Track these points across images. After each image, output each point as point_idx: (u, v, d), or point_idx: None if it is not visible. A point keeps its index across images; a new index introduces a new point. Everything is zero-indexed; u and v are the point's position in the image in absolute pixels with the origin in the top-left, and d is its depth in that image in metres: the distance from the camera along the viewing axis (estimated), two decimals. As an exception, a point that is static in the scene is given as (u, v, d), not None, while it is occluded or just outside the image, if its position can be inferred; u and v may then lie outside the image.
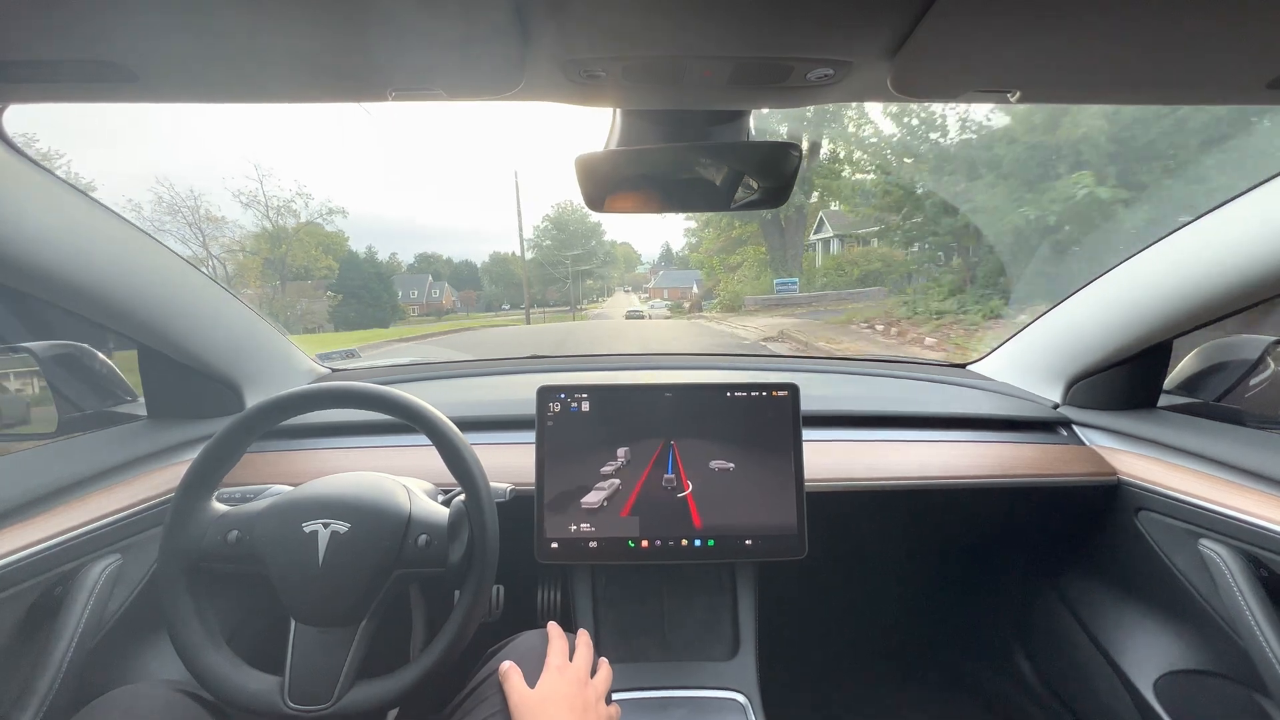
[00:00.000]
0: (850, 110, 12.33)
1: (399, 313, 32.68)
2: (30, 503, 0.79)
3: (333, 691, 0.67)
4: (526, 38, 0.47)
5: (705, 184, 0.77)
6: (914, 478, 1.03)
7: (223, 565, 0.71)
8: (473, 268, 61.10)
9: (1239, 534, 0.83)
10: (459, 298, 53.29)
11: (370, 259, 30.38)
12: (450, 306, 49.23)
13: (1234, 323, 0.97)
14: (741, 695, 0.96)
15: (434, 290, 49.94)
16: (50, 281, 0.77)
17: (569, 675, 0.72)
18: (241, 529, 0.72)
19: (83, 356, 1.05)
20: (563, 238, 48.81)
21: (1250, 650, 0.81)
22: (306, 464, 1.05)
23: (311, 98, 0.59)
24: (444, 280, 53.49)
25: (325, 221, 25.55)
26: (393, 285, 31.81)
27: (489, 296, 54.47)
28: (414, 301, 47.01)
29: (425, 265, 57.99)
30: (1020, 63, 0.51)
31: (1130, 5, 0.42)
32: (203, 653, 0.68)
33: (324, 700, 0.66)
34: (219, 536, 0.71)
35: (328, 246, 26.47)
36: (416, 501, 0.76)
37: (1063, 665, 1.21)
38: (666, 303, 36.77)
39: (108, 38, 0.45)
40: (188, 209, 20.11)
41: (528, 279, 43.82)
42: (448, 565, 0.72)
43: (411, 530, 0.72)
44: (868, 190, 12.86)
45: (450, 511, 0.75)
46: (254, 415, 0.75)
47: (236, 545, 0.71)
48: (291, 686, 0.67)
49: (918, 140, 10.33)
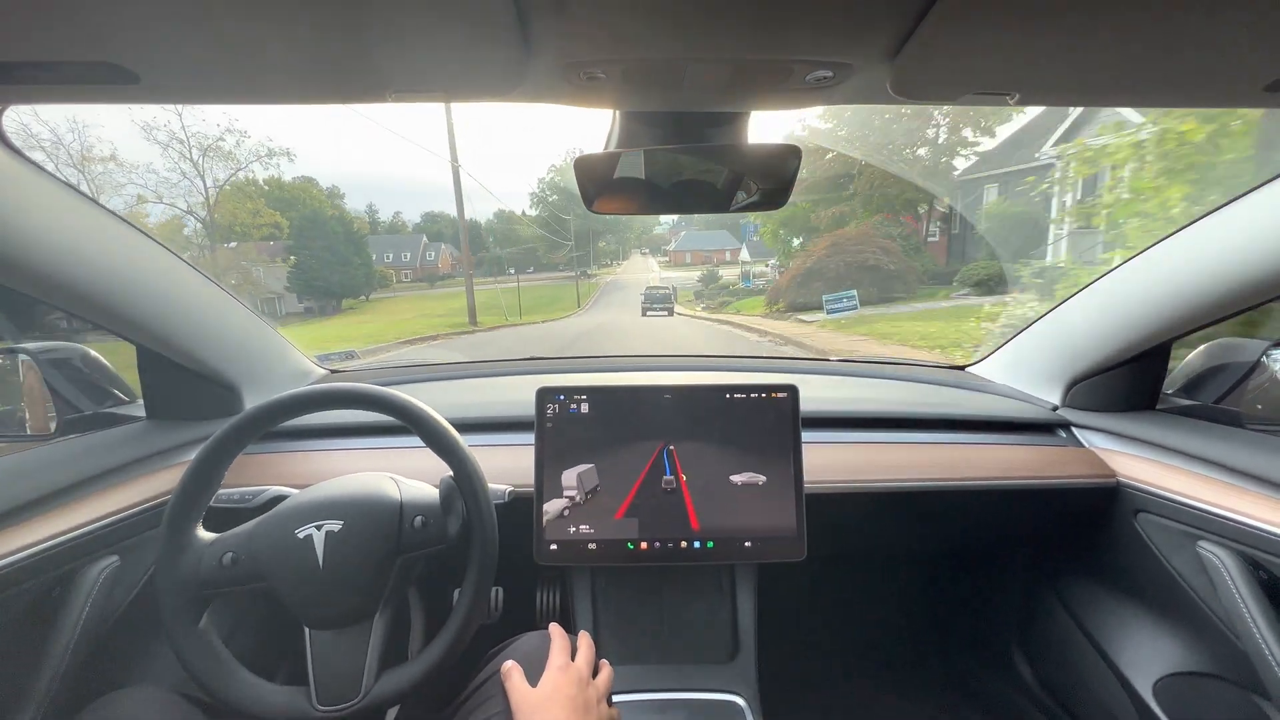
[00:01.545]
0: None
1: (379, 280, 28.61)
2: (29, 504, 0.79)
3: (359, 687, 0.68)
4: (527, 40, 0.47)
5: (705, 185, 0.78)
6: (913, 480, 1.03)
7: (225, 589, 0.71)
8: (476, 227, 54.05)
9: (1238, 536, 0.84)
10: (457, 260, 45.91)
11: (341, 216, 25.11)
12: (448, 270, 44.11)
13: (1231, 325, 0.97)
14: (740, 698, 0.96)
15: (429, 252, 45.06)
16: (49, 283, 0.77)
17: (571, 675, 0.72)
18: (236, 550, 0.71)
19: (81, 358, 1.05)
20: (572, 191, 44.30)
21: (1249, 652, 0.81)
22: (305, 465, 1.05)
23: (312, 99, 0.59)
24: (441, 241, 47.75)
25: (265, 165, 19.25)
26: (365, 248, 27.27)
27: (494, 259, 48.75)
28: (406, 265, 42.73)
29: (431, 224, 53.39)
30: (1019, 65, 0.51)
31: (1128, 8, 0.42)
32: (225, 681, 0.68)
33: (352, 697, 0.67)
34: (214, 562, 0.70)
35: (285, 200, 21.57)
36: (405, 487, 0.76)
37: (1062, 667, 1.21)
38: (696, 272, 28.95)
39: (110, 40, 0.45)
40: (72, 151, 13.42)
41: (523, 241, 40.27)
42: (448, 540, 0.73)
43: (406, 514, 0.73)
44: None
45: (440, 489, 0.76)
46: (237, 428, 0.74)
47: (234, 567, 0.70)
48: (319, 691, 0.67)
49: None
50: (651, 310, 17.65)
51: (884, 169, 12.94)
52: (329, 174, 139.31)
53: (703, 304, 19.80)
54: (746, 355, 1.52)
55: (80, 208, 0.79)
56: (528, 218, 49.21)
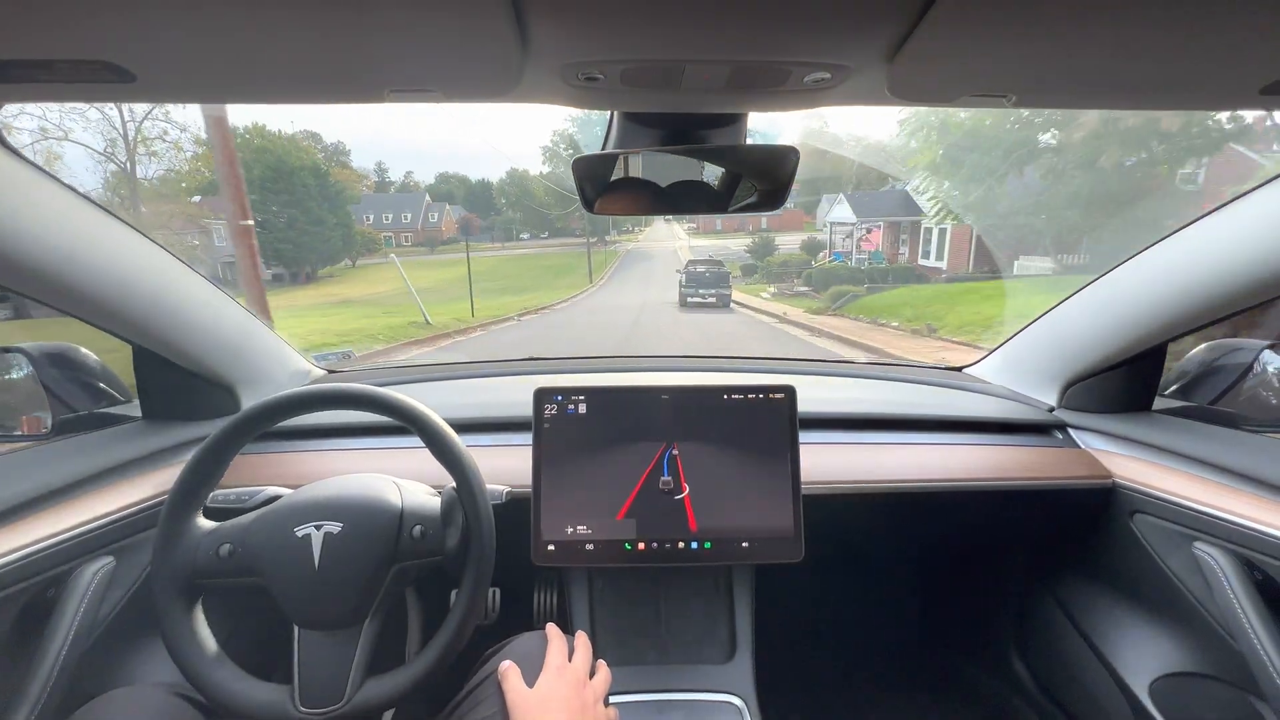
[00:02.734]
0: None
1: (366, 244, 25.35)
2: (24, 504, 0.78)
3: (344, 692, 0.67)
4: (524, 41, 0.47)
5: (703, 186, 0.78)
6: (910, 480, 1.04)
7: (218, 581, 0.70)
8: (488, 188, 50.06)
9: (1233, 537, 0.84)
10: (461, 222, 43.65)
11: (314, 168, 21.15)
12: (452, 233, 41.06)
13: (1227, 326, 0.97)
14: (738, 698, 0.96)
15: (432, 213, 41.20)
16: (44, 282, 0.77)
17: (568, 676, 0.72)
18: (233, 542, 0.71)
19: (77, 357, 1.04)
20: (587, 143, 41.10)
21: (1245, 653, 0.81)
22: (302, 466, 1.05)
23: (308, 98, 0.59)
24: (445, 202, 44.82)
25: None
26: (344, 206, 22.50)
27: (506, 222, 44.52)
28: (406, 227, 38.79)
29: (443, 185, 49.97)
30: (1016, 67, 0.52)
31: (1125, 11, 0.42)
32: (209, 671, 0.67)
33: (336, 701, 0.66)
34: (211, 552, 0.70)
35: (261, 150, 18.61)
36: (408, 494, 0.76)
37: (1058, 668, 1.21)
38: (738, 241, 22.98)
39: (107, 38, 0.45)
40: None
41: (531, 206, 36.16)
42: (445, 553, 0.72)
43: (405, 523, 0.72)
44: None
45: (442, 500, 0.75)
46: (236, 426, 0.73)
47: (230, 559, 0.70)
48: (302, 692, 0.67)
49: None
50: (696, 297, 13.09)
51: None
52: (336, 131, 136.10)
53: (773, 288, 15.61)
54: (744, 357, 1.52)
55: (77, 207, 0.79)
56: (540, 177, 44.35)
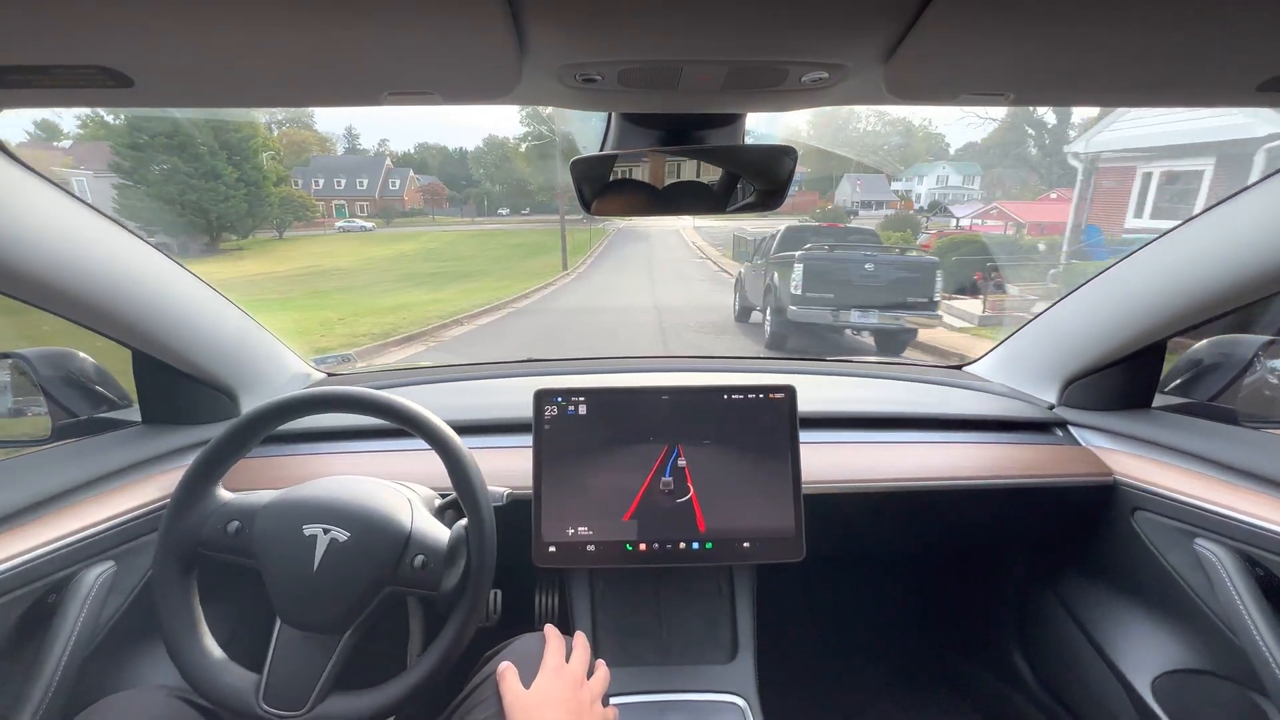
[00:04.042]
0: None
1: (290, 210, 21.39)
2: (24, 509, 0.78)
3: (308, 699, 0.66)
4: (522, 43, 0.47)
5: (701, 187, 0.78)
6: (910, 479, 1.04)
7: (218, 554, 0.71)
8: (466, 157, 44.76)
9: (1234, 533, 0.84)
10: (426, 191, 38.35)
11: (256, 145, 17.53)
12: (416, 205, 36.61)
13: (1226, 322, 0.97)
14: (740, 699, 0.96)
15: (392, 180, 36.26)
16: (43, 287, 0.77)
17: (564, 677, 0.72)
18: (242, 520, 0.72)
19: (77, 362, 1.04)
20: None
21: (1247, 649, 0.81)
22: (303, 469, 1.05)
23: (307, 101, 0.59)
24: (417, 171, 39.91)
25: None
26: (255, 165, 17.63)
27: (483, 195, 39.42)
28: (361, 195, 33.96)
29: (421, 155, 44.69)
30: (1014, 65, 0.52)
31: (1122, 8, 0.42)
32: (186, 639, 0.68)
33: (298, 707, 0.66)
34: (220, 525, 0.71)
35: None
36: (418, 519, 0.75)
37: (1060, 665, 1.21)
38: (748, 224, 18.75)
39: (105, 44, 0.45)
40: None
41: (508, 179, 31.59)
42: (440, 591, 0.71)
43: (410, 549, 0.71)
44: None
45: (450, 536, 0.74)
46: (268, 411, 0.74)
47: (235, 537, 0.71)
48: (268, 688, 0.67)
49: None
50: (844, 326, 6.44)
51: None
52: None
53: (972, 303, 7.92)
54: (744, 357, 1.52)
55: (74, 211, 0.79)
56: (518, 143, 38.88)
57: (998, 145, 23.80)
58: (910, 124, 42.23)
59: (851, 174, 36.61)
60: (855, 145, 27.48)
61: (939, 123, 32.29)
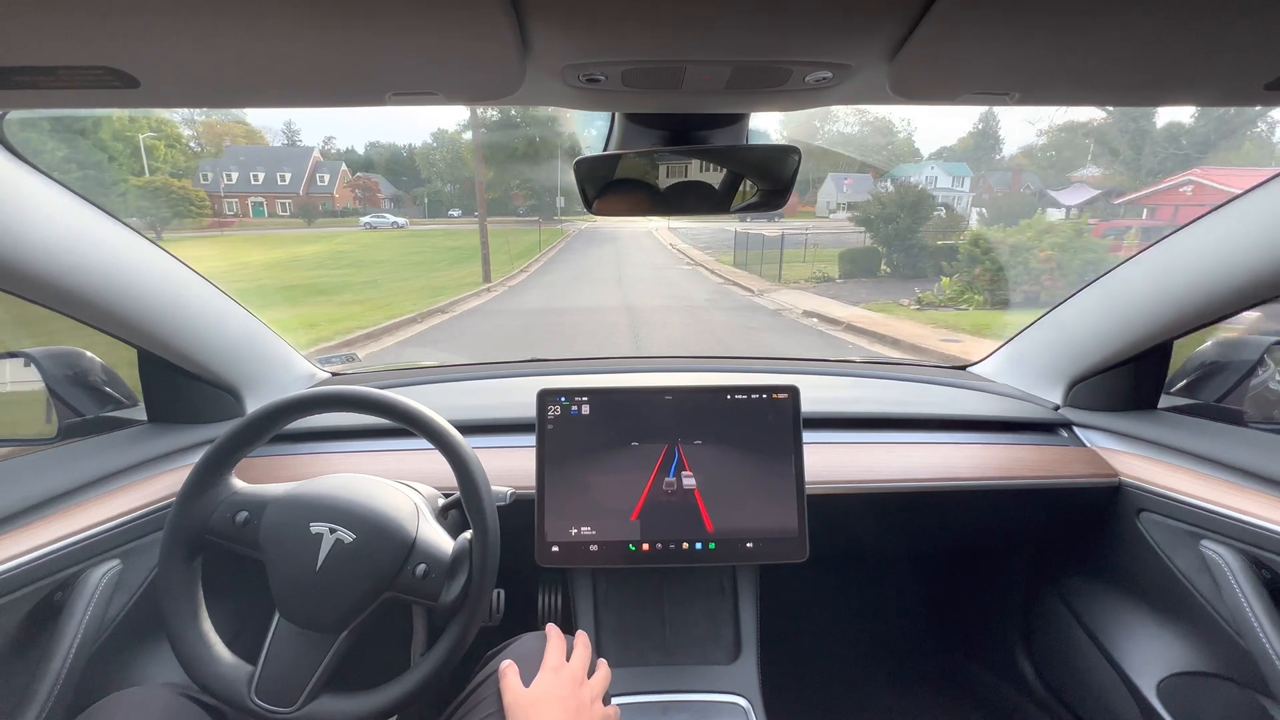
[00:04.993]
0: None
1: (170, 205, 17.39)
2: (31, 508, 0.79)
3: (299, 697, 0.67)
4: (525, 44, 0.47)
5: (705, 187, 0.78)
6: (915, 480, 1.03)
7: (224, 543, 0.72)
8: (412, 153, 39.24)
9: (1241, 535, 0.83)
10: (355, 186, 33.20)
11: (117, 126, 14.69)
12: (349, 203, 31.82)
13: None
14: (743, 699, 0.96)
15: (321, 175, 31.56)
16: (50, 288, 0.78)
17: (564, 676, 0.72)
18: (251, 511, 0.72)
19: (83, 361, 1.05)
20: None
21: (1253, 652, 0.81)
22: (309, 468, 1.05)
23: (310, 102, 0.59)
24: (341, 161, 34.55)
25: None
26: (103, 157, 14.87)
27: (433, 195, 35.00)
28: (283, 191, 29.58)
29: (372, 153, 39.78)
30: (1019, 64, 0.51)
31: (1128, 7, 0.42)
32: (185, 624, 0.69)
33: (289, 704, 0.66)
34: (228, 514, 0.72)
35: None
36: (424, 526, 0.75)
37: (1065, 668, 1.21)
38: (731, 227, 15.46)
39: (110, 44, 0.45)
40: None
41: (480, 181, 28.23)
42: (439, 602, 0.71)
43: (413, 557, 0.71)
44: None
45: (454, 548, 0.73)
46: (277, 409, 0.75)
47: (242, 527, 0.72)
48: (260, 681, 0.67)
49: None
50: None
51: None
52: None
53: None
54: (747, 356, 1.52)
55: (81, 211, 0.80)
56: (459, 131, 34.52)
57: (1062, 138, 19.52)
58: (890, 123, 39.95)
59: (837, 173, 34.34)
60: (837, 145, 26.15)
61: (919, 122, 30.86)
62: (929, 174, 31.68)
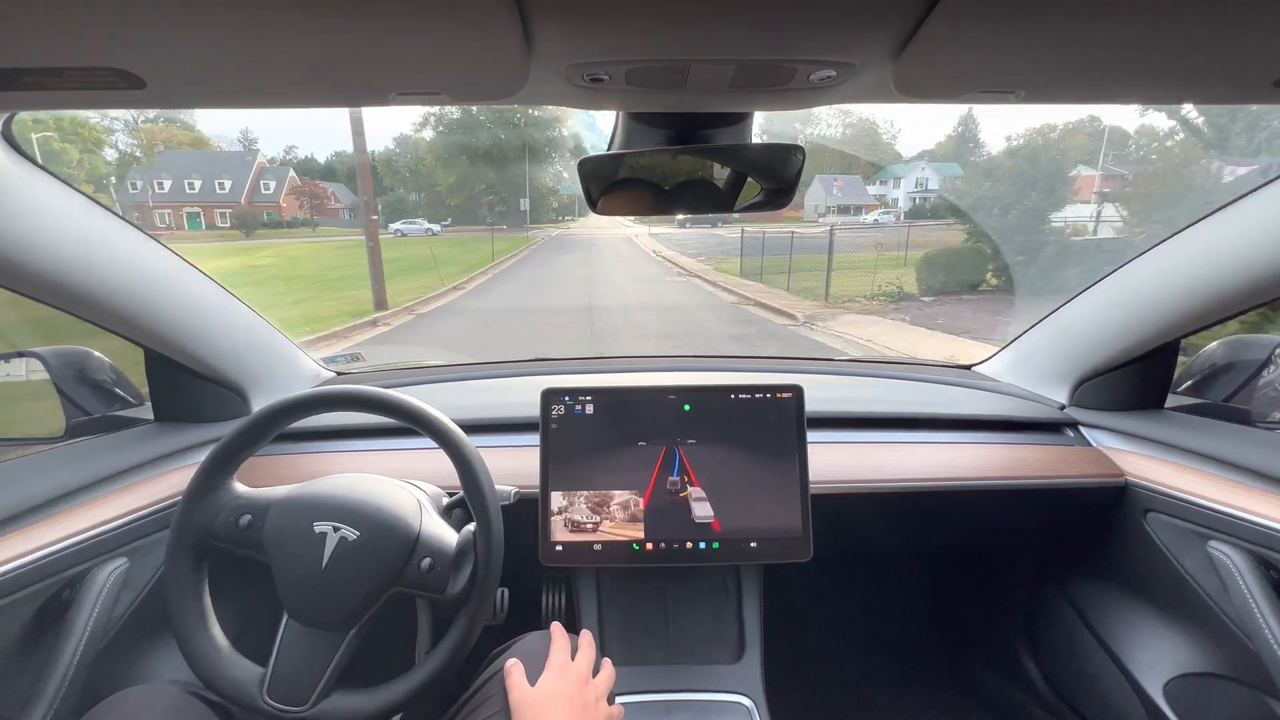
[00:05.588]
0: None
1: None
2: (39, 506, 0.79)
3: (310, 695, 0.67)
4: (530, 43, 0.47)
5: (709, 186, 0.78)
6: (919, 480, 1.03)
7: (229, 547, 0.72)
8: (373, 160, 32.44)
9: (1248, 536, 0.83)
10: (304, 195, 29.64)
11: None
12: (298, 213, 28.75)
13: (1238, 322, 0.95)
14: (747, 699, 0.96)
15: (265, 182, 28.56)
16: (57, 287, 0.78)
17: (570, 675, 0.72)
18: (255, 514, 0.72)
19: (91, 361, 1.05)
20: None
21: (1261, 653, 0.80)
22: (313, 467, 1.06)
23: (316, 102, 0.60)
24: (289, 168, 31.50)
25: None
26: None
27: (396, 203, 31.91)
28: (222, 200, 26.93)
29: (336, 163, 36.86)
30: (1024, 63, 0.51)
31: (1134, 5, 0.41)
32: (195, 629, 0.69)
33: (300, 703, 0.67)
34: (232, 518, 0.72)
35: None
36: (427, 521, 0.75)
37: (1071, 669, 1.20)
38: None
39: (117, 45, 0.45)
40: None
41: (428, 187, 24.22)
42: (445, 594, 0.71)
43: (417, 551, 0.71)
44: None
45: (458, 540, 0.74)
46: (281, 408, 0.75)
47: (246, 530, 0.72)
48: (272, 682, 0.67)
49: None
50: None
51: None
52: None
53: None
54: (752, 356, 1.52)
55: (87, 211, 0.80)
56: (433, 149, 30.70)
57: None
58: (874, 124, 37.95)
59: (825, 174, 31.58)
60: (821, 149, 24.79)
61: (902, 122, 29.47)
62: (920, 175, 29.57)
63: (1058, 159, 10.72)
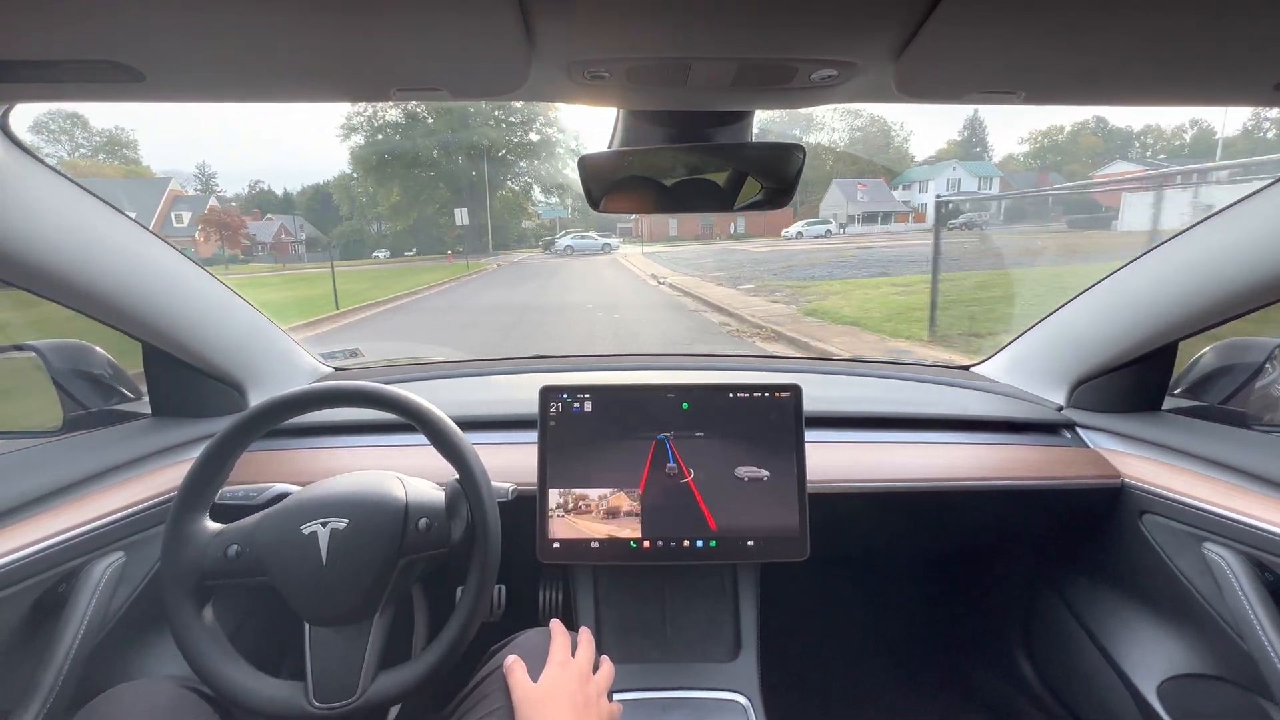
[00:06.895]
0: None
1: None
2: (35, 500, 0.79)
3: (357, 686, 0.67)
4: (531, 40, 0.47)
5: (709, 184, 0.78)
6: (917, 480, 1.03)
7: (227, 581, 0.71)
8: (325, 191, 32.31)
9: (1244, 538, 0.83)
10: (212, 225, 26.63)
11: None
12: (216, 250, 25.77)
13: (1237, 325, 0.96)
14: (743, 697, 0.96)
15: (177, 214, 25.98)
16: (56, 281, 0.78)
17: (571, 671, 0.72)
18: (241, 543, 0.71)
19: (88, 354, 1.05)
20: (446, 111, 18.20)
21: (1255, 655, 0.81)
22: (310, 463, 1.05)
23: (316, 97, 0.59)
24: (210, 195, 28.70)
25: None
26: None
27: (353, 234, 28.82)
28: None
29: (303, 195, 34.88)
30: (1025, 64, 0.51)
31: (1135, 7, 0.42)
32: (223, 669, 0.68)
33: (349, 695, 0.67)
34: (219, 553, 0.71)
35: None
36: (412, 488, 0.76)
37: (1066, 669, 1.20)
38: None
39: (116, 39, 0.45)
40: None
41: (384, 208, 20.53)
42: (451, 544, 0.73)
43: (411, 516, 0.72)
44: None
45: (446, 492, 0.76)
46: (240, 426, 0.74)
47: (238, 560, 0.71)
48: (315, 687, 0.67)
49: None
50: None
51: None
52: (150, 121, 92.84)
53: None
54: (750, 355, 1.52)
55: (87, 205, 0.80)
56: (353, 151, 26.27)
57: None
58: (886, 123, 35.85)
59: (843, 179, 27.62)
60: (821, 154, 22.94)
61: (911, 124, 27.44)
62: (951, 176, 26.64)
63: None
